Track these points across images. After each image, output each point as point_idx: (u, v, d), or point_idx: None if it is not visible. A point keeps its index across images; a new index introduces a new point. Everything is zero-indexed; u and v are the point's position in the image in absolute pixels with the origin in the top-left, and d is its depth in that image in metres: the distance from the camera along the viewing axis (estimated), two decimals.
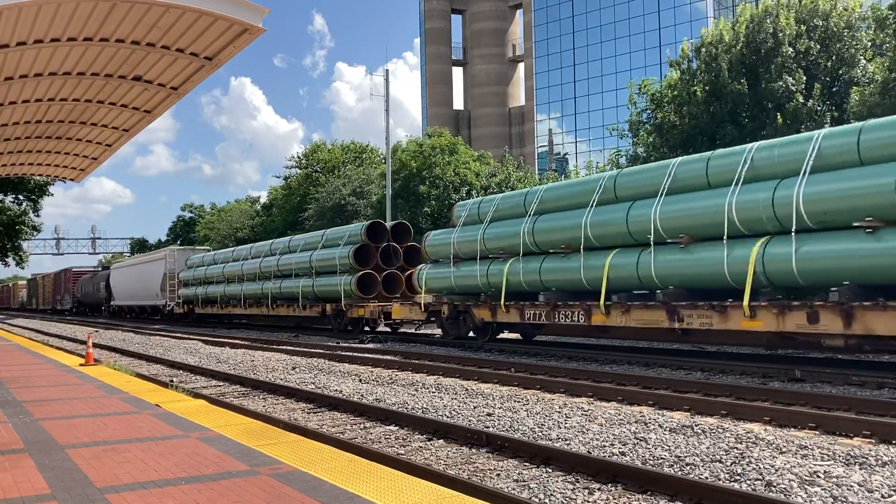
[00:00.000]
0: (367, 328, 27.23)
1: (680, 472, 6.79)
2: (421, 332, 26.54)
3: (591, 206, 16.94)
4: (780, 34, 23.79)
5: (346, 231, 28.57)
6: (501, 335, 21.97)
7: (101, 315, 60.58)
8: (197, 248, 51.22)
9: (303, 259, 29.98)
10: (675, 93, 26.89)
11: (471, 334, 21.10)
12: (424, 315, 22.56)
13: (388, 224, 28.09)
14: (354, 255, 26.43)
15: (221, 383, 14.96)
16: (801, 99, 22.82)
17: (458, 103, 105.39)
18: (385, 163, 42.04)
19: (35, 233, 56.42)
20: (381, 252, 27.06)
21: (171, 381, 14.88)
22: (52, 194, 56.32)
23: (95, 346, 22.59)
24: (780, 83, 23.05)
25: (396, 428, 9.53)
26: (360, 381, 14.28)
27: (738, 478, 6.54)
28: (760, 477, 6.49)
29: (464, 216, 21.69)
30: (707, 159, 14.91)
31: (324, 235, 29.91)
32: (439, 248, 22.26)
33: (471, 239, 20.67)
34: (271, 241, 35.34)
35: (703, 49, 25.97)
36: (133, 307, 52.18)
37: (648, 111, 29.29)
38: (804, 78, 23.28)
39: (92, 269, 73.24)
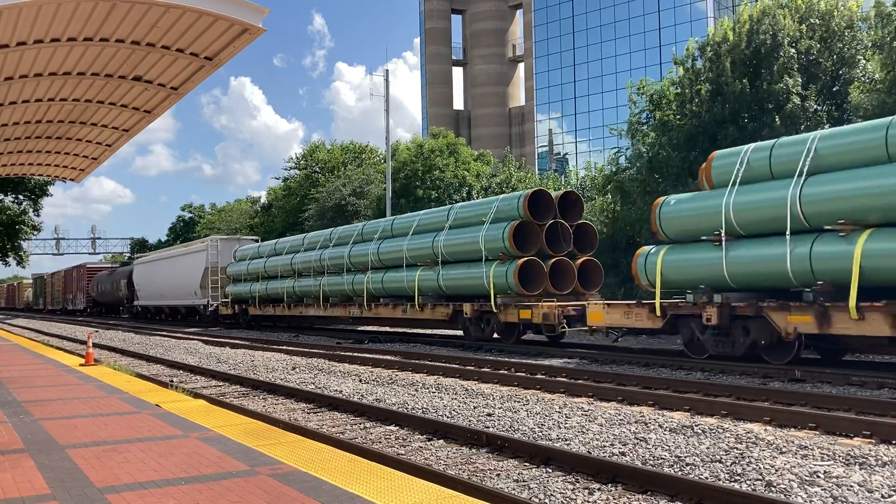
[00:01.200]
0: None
1: (680, 472, 6.79)
2: (619, 344, 18.89)
3: None
4: (780, 34, 23.80)
5: (493, 203, 21.00)
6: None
7: (121, 317, 55.60)
8: (243, 237, 43.43)
9: (420, 245, 22.92)
10: (679, 91, 26.89)
11: (740, 353, 14.18)
12: (661, 321, 15.45)
13: (555, 193, 20.70)
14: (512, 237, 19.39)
15: (221, 383, 14.96)
16: (797, 101, 22.81)
17: (459, 103, 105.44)
18: (385, 163, 42.04)
19: (35, 232, 56.37)
20: (546, 232, 19.80)
21: (171, 381, 14.88)
22: (52, 194, 55.69)
23: (95, 346, 22.59)
24: (782, 84, 23.06)
25: (396, 428, 9.53)
26: (360, 381, 14.28)
27: (738, 478, 6.54)
28: (760, 477, 6.49)
29: (741, 169, 14.42)
30: None
31: (450, 212, 22.73)
32: (691, 219, 15.27)
33: (769, 202, 13.64)
34: (362, 223, 28.97)
35: (709, 48, 25.97)
36: (162, 308, 45.61)
37: (647, 111, 29.31)
38: (800, 80, 23.25)
39: (109, 266, 65.82)
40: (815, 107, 23.25)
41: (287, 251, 32.07)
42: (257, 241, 39.66)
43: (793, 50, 23.57)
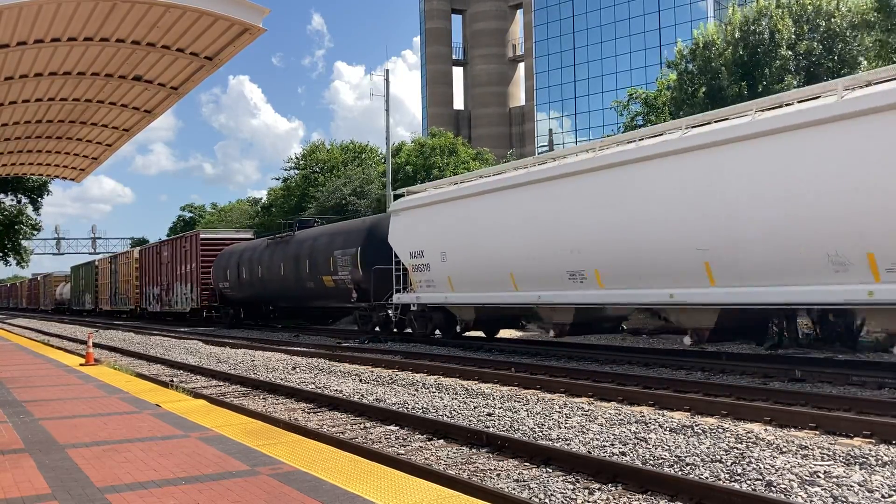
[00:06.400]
0: None
1: (680, 472, 6.78)
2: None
3: None
4: (777, 35, 23.79)
5: None
6: None
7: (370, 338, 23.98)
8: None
9: None
10: (674, 94, 26.89)
11: None
12: None
13: None
14: None
15: (222, 383, 14.96)
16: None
17: (459, 103, 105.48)
18: (385, 163, 42.04)
19: (35, 232, 56.20)
20: None
21: (172, 380, 14.88)
22: (51, 192, 54.36)
23: (95, 346, 22.58)
24: (783, 84, 23.05)
25: (396, 428, 9.53)
26: (361, 380, 14.28)
27: (738, 478, 6.54)
28: (760, 477, 6.49)
29: None
30: None
31: None
32: None
33: None
34: None
35: (697, 51, 25.99)
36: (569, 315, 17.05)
37: (641, 116, 29.38)
38: (804, 79, 23.24)
39: (250, 237, 36.70)
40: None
41: None
42: None
43: (790, 52, 23.56)
